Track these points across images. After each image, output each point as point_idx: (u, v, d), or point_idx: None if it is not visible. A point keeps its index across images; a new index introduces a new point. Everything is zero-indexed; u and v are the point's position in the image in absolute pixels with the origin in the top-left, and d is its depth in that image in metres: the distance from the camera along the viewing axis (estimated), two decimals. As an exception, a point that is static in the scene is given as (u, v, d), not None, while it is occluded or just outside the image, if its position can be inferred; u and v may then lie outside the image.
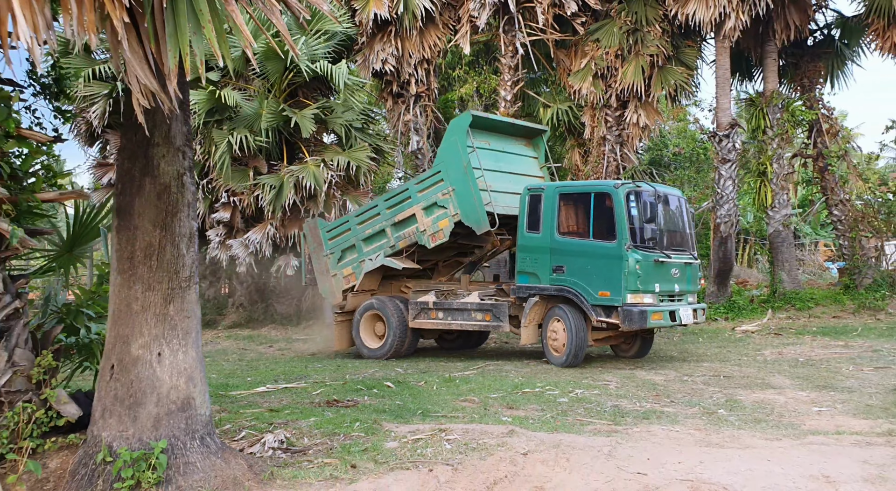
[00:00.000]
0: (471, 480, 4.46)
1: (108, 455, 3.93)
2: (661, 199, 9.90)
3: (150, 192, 4.20)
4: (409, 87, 17.19)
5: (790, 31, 15.56)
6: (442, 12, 16.47)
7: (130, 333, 4.12)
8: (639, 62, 15.71)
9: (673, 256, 9.77)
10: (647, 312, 9.22)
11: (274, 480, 4.37)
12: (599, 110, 16.37)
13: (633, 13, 15.78)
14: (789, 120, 15.24)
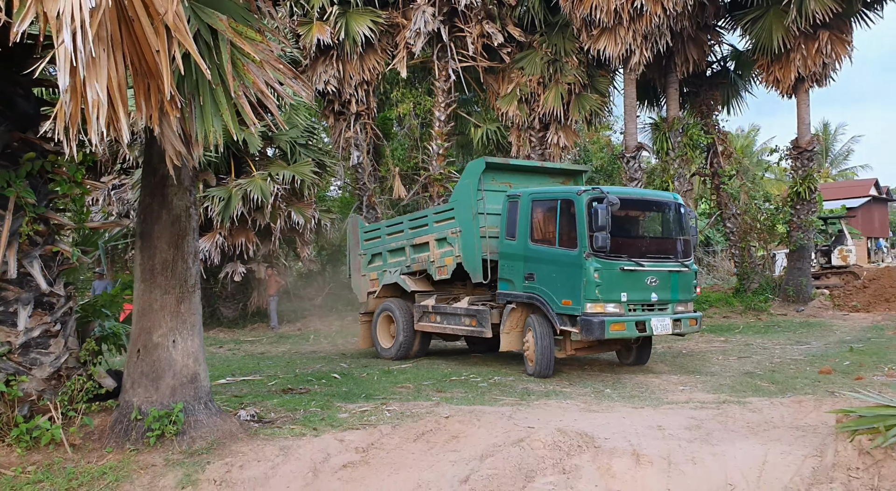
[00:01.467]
0: (405, 433, 6.11)
1: (138, 414, 5.43)
2: (635, 206, 9.91)
3: (165, 221, 5.72)
4: (350, 106, 18.75)
5: (689, 64, 17.88)
6: (380, 39, 18.10)
7: (152, 326, 5.63)
8: (558, 89, 17.72)
9: (647, 264, 9.37)
10: (605, 323, 8.96)
11: (258, 435, 5.94)
12: (524, 131, 18.31)
13: (553, 45, 17.81)
14: (688, 143, 17.50)
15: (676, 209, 10.07)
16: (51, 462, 5.12)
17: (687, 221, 10.07)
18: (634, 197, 10.36)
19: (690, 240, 10.05)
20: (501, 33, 17.62)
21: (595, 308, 9.10)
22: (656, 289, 9.39)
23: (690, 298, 9.92)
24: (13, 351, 5.20)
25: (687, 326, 9.71)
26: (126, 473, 5.05)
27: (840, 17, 16.27)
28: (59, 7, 3.64)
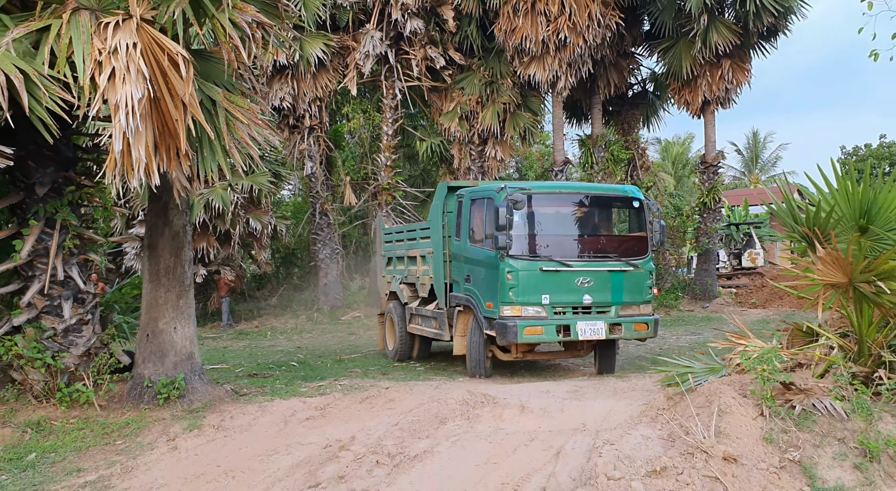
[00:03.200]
0: (353, 398, 8.07)
1: (149, 383, 7.29)
2: (570, 202, 9.54)
3: (167, 236, 7.58)
4: (304, 121, 20.56)
5: (611, 87, 20.25)
6: (332, 59, 19.96)
7: (158, 316, 7.49)
8: (495, 108, 19.88)
9: (577, 264, 9.02)
10: (517, 327, 8.71)
11: (240, 400, 7.84)
12: (465, 145, 20.41)
13: (490, 68, 19.96)
14: (610, 158, 19.85)
15: (627, 204, 9.58)
16: (86, 417, 6.96)
17: (642, 217, 9.46)
18: (568, 192, 9.93)
19: (646, 237, 9.38)
20: (443, 57, 19.67)
21: (511, 311, 8.82)
22: (590, 290, 8.98)
23: (642, 300, 9.27)
24: (57, 334, 7.03)
25: (630, 330, 9.13)
26: (144, 423, 6.92)
27: (740, 48, 18.80)
28: (117, 97, 5.51)
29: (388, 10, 19.35)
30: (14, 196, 7.05)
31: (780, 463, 5.09)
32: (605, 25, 17.85)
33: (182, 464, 6.15)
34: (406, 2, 18.96)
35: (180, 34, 6.06)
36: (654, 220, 9.52)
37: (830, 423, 5.30)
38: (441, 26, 19.75)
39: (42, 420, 6.80)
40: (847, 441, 5.16)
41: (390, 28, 19.54)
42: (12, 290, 7.13)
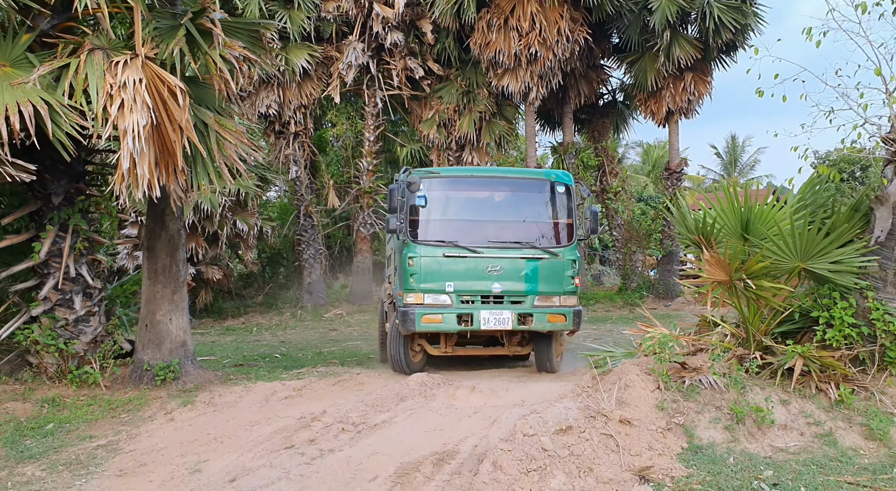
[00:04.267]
0: (327, 381, 9.24)
1: (147, 367, 8.45)
2: (478, 187, 9.33)
3: (164, 239, 8.74)
4: (289, 127, 21.70)
5: (581, 97, 21.51)
6: (316, 69, 21.11)
7: (155, 309, 8.65)
8: (471, 116, 21.09)
9: (486, 251, 8.72)
10: (415, 315, 8.56)
11: (227, 382, 9.00)
12: (443, 151, 21.61)
13: (467, 78, 21.17)
14: (580, 164, 21.11)
15: (549, 189, 9.16)
16: (94, 395, 8.12)
17: (567, 203, 9.14)
18: (482, 175, 9.75)
19: (571, 224, 9.07)
20: (422, 67, 20.87)
21: (413, 298, 8.63)
22: (500, 278, 8.70)
23: (562, 290, 8.90)
24: (69, 324, 8.18)
25: (543, 322, 8.76)
26: (144, 401, 8.08)
27: (701, 62, 20.09)
28: (125, 124, 6.67)
29: (370, 23, 20.53)
30: (32, 205, 8.23)
31: (667, 425, 6.31)
32: (573, 40, 19.07)
33: (178, 432, 7.32)
34: (386, 16, 20.14)
35: (178, 68, 7.23)
36: (586, 207, 9.17)
37: (711, 394, 6.52)
38: (420, 39, 20.93)
39: (56, 397, 7.95)
40: (722, 408, 6.39)
41: (372, 40, 20.72)
42: (30, 285, 8.29)
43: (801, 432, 6.20)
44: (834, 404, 6.35)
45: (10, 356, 8.43)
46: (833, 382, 6.42)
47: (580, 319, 9.33)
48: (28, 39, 7.16)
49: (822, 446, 6.03)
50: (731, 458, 5.91)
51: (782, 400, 6.46)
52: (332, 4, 20.61)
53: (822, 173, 6.97)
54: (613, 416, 6.25)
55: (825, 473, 5.54)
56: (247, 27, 8.42)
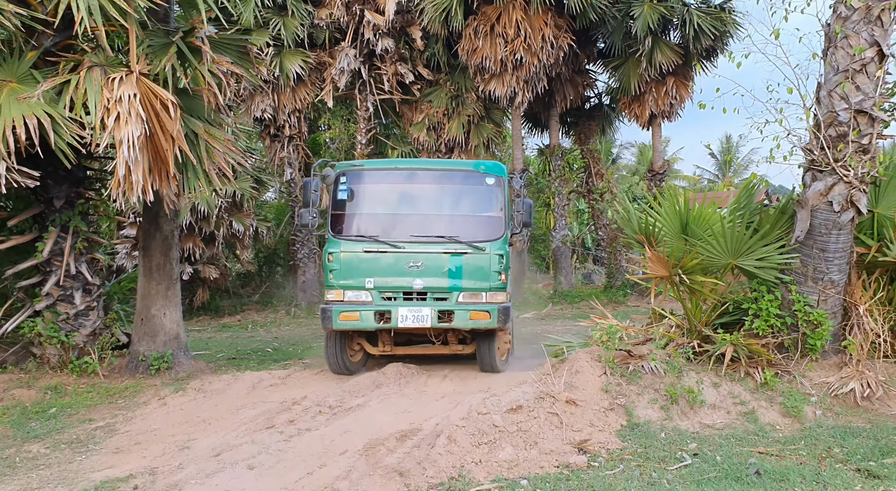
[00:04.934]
0: (310, 372, 9.94)
1: (143, 357, 9.17)
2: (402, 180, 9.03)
3: (158, 239, 9.45)
4: (284, 131, 22.42)
5: (568, 101, 22.20)
6: (310, 74, 21.81)
7: (151, 304, 9.37)
8: (460, 120, 21.79)
9: (408, 246, 8.48)
10: (332, 312, 8.40)
11: (217, 372, 9.72)
12: (433, 154, 22.29)
13: (456, 83, 21.88)
14: (566, 166, 21.81)
15: (477, 181, 8.85)
16: (93, 383, 8.84)
17: (496, 195, 8.76)
18: (406, 168, 9.43)
19: (501, 217, 8.70)
20: (412, 72, 21.58)
21: (334, 295, 8.53)
22: (422, 274, 8.44)
23: (488, 286, 8.52)
24: (70, 318, 8.91)
25: (465, 320, 8.43)
26: (139, 388, 8.80)
27: (683, 67, 20.77)
28: (122, 135, 7.39)
29: (362, 30, 21.24)
30: (36, 208, 8.97)
31: (609, 406, 7.02)
32: (557, 46, 19.76)
33: (170, 415, 8.04)
34: (377, 23, 20.85)
35: (170, 82, 7.95)
36: (518, 200, 8.80)
37: (652, 378, 7.24)
38: (410, 45, 21.64)
39: (58, 385, 8.68)
40: (660, 391, 7.10)
41: (363, 46, 21.43)
42: (34, 282, 9.03)
43: (727, 411, 6.92)
44: (759, 386, 7.06)
45: (15, 348, 9.17)
46: (759, 366, 7.13)
47: (507, 316, 8.72)
48: (33, 57, 7.88)
49: (744, 423, 6.74)
50: (663, 433, 6.62)
51: (714, 383, 7.17)
52: (325, 12, 21.31)
53: (753, 180, 7.68)
54: (560, 397, 6.96)
55: (741, 445, 6.24)
56: (235, 42, 9.13)
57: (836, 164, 6.68)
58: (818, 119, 6.76)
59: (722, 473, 5.60)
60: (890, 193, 7.17)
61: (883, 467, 5.59)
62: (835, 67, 6.65)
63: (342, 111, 24.46)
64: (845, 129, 6.63)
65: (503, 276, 8.70)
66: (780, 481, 5.36)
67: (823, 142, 6.72)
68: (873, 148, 6.63)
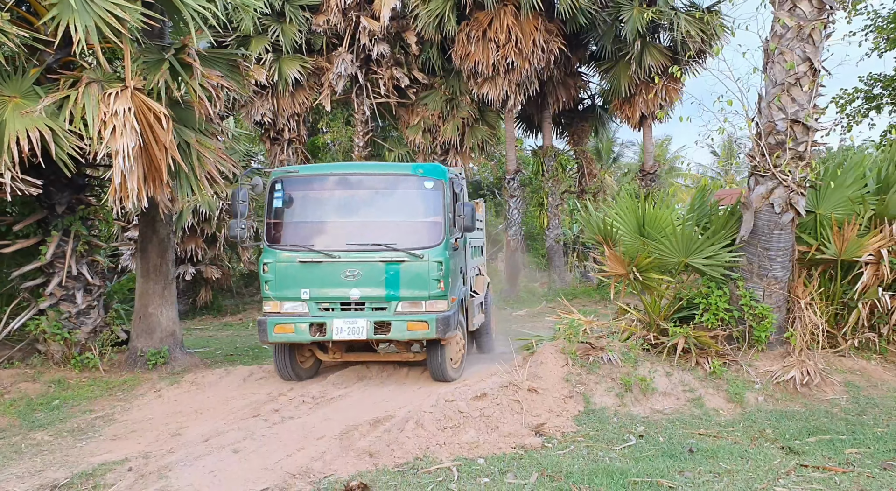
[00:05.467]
0: (300, 366, 10.57)
1: (141, 353, 9.82)
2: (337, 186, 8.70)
3: (155, 242, 10.09)
4: (283, 134, 23.08)
5: (560, 103, 22.75)
6: (308, 79, 22.45)
7: (148, 303, 10.01)
8: (455, 122, 22.37)
9: (343, 255, 8.22)
10: (267, 324, 8.27)
11: (211, 367, 10.35)
12: (429, 156, 22.89)
13: (451, 86, 22.47)
14: (559, 167, 22.37)
15: (414, 185, 8.56)
16: (94, 377, 9.49)
17: (435, 199, 8.42)
18: (341, 173, 8.96)
19: (440, 221, 8.33)
20: (408, 76, 22.18)
21: (270, 307, 8.43)
22: (359, 284, 8.20)
23: (426, 295, 8.22)
24: (72, 316, 9.57)
25: (402, 330, 8.13)
26: (137, 382, 9.45)
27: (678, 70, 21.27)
28: (118, 146, 8.01)
29: (358, 36, 21.85)
30: (39, 214, 9.63)
31: (569, 394, 7.60)
32: (548, 50, 20.31)
33: (165, 406, 8.68)
34: (373, 29, 21.47)
35: (163, 95, 8.58)
36: (460, 203, 8.50)
37: (609, 368, 7.81)
38: (405, 50, 22.24)
39: (61, 379, 9.34)
40: (616, 379, 7.68)
41: (360, 51, 22.06)
42: (39, 283, 9.69)
43: (677, 398, 7.49)
44: (708, 375, 7.63)
45: (21, 344, 9.83)
46: (709, 356, 7.69)
47: (448, 325, 8.30)
48: (35, 74, 8.53)
49: (691, 408, 7.31)
50: (616, 418, 7.20)
51: (666, 372, 7.74)
52: (322, 18, 21.94)
53: (705, 184, 8.25)
54: (523, 385, 7.55)
55: (685, 428, 6.82)
56: (225, 56, 9.76)
57: (775, 169, 7.23)
58: (759, 128, 7.32)
59: (660, 451, 6.18)
60: (830, 196, 7.71)
61: (805, 445, 6.16)
62: (773, 81, 7.21)
63: (341, 114, 25.11)
64: (783, 138, 7.19)
65: (442, 284, 8.34)
66: (710, 458, 5.93)
67: (764, 149, 7.28)
68: (808, 155, 7.18)
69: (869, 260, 7.59)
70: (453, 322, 8.43)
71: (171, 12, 8.93)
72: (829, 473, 5.41)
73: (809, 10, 6.98)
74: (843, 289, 8.00)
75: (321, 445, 6.91)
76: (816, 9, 6.98)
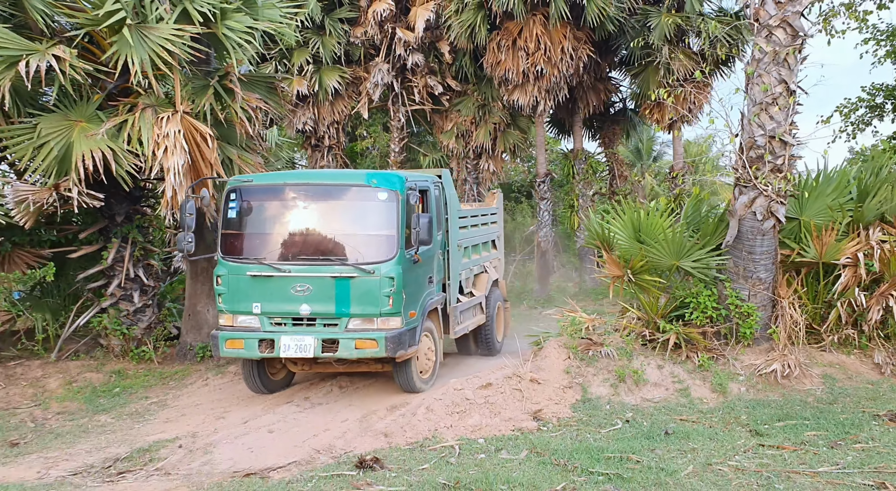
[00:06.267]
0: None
1: (190, 347, 10.98)
2: (290, 196, 8.46)
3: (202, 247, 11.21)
4: (324, 141, 24.30)
5: (591, 107, 23.43)
6: (347, 88, 23.60)
7: (196, 302, 11.18)
8: (487, 127, 23.27)
9: (294, 269, 8.03)
10: (218, 339, 8.18)
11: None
12: (462, 160, 23.86)
13: (483, 93, 23.38)
14: (589, 170, 23.09)
15: (367, 196, 8.25)
16: (149, 368, 10.71)
17: (390, 211, 8.06)
18: (293, 183, 8.66)
19: (394, 234, 8.01)
20: (441, 84, 23.17)
21: (224, 320, 8.32)
22: (309, 299, 7.97)
23: (377, 312, 7.95)
24: (129, 314, 10.81)
25: (351, 348, 7.90)
26: (187, 372, 10.62)
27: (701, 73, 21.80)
28: (169, 163, 9.15)
29: (394, 46, 22.91)
30: (101, 223, 10.91)
31: (568, 384, 8.46)
32: (577, 57, 21.05)
33: (211, 393, 9.81)
34: (408, 39, 22.51)
35: (208, 117, 9.71)
36: (416, 215, 8.11)
37: (607, 362, 8.64)
38: (439, 59, 23.23)
39: (121, 370, 10.56)
40: (612, 372, 8.50)
41: (396, 61, 23.12)
42: (100, 284, 10.95)
43: (666, 388, 8.29)
44: (696, 368, 8.41)
45: (86, 339, 11.11)
46: (698, 351, 8.46)
47: (399, 344, 8.02)
48: (98, 100, 9.75)
49: (678, 397, 8.10)
50: (608, 406, 8.04)
51: (658, 365, 8.54)
52: (360, 30, 23.06)
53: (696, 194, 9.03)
54: (526, 376, 8.44)
55: (669, 414, 7.63)
56: (264, 80, 10.87)
57: (755, 181, 7.96)
58: (741, 143, 8.06)
59: (640, 433, 7.01)
60: (812, 204, 8.41)
61: (771, 429, 6.92)
62: (753, 100, 7.95)
63: (379, 119, 26.24)
64: (762, 152, 7.91)
65: (392, 300, 8.01)
66: (682, 439, 6.74)
67: (745, 162, 8.02)
68: (786, 167, 7.90)
69: (847, 263, 8.26)
70: (407, 340, 8.14)
71: (216, 44, 10.04)
72: (781, 451, 6.18)
73: (784, 37, 7.72)
74: (826, 289, 8.66)
75: (343, 426, 7.91)
76: (791, 36, 7.71)
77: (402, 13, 22.58)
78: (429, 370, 9.20)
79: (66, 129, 9.29)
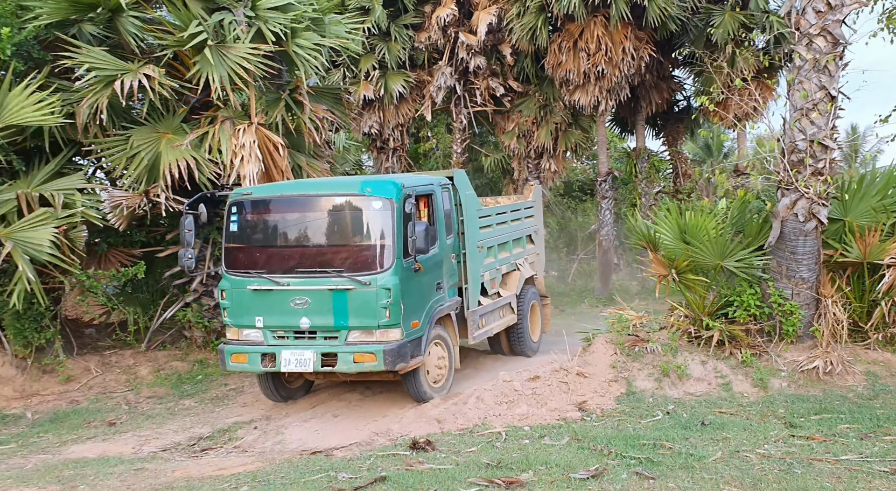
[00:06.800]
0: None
1: (265, 340, 11.90)
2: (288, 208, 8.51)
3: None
4: (389, 143, 25.18)
5: (653, 106, 23.57)
6: (411, 92, 24.41)
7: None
8: (548, 127, 23.69)
9: (293, 281, 8.06)
10: (225, 353, 8.31)
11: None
12: (523, 160, 24.35)
13: (544, 93, 23.82)
14: (651, 168, 23.25)
15: (364, 206, 8.17)
16: (228, 359, 11.65)
17: (385, 221, 8.01)
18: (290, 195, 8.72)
19: (390, 245, 7.95)
20: (503, 86, 23.72)
21: (231, 334, 8.40)
22: (309, 313, 7.97)
23: (375, 324, 7.90)
24: (211, 308, 11.82)
25: (349, 362, 7.84)
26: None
27: (766, 70, 21.71)
28: (245, 171, 10.04)
29: (456, 50, 23.59)
30: (185, 224, 11.90)
31: (614, 378, 8.93)
32: (638, 57, 21.28)
33: (283, 382, 10.67)
34: (470, 43, 23.15)
35: (279, 128, 10.57)
36: (412, 223, 7.92)
37: (652, 357, 9.07)
38: (501, 61, 23.78)
39: (203, 359, 11.56)
40: (656, 367, 8.93)
41: (458, 64, 23.79)
42: (184, 281, 11.96)
43: (709, 383, 8.67)
44: (739, 364, 8.76)
45: (171, 331, 12.16)
46: (742, 348, 8.80)
47: (399, 357, 7.96)
48: (182, 113, 10.75)
49: (720, 392, 8.48)
50: (651, 398, 8.49)
51: (702, 361, 8.93)
52: (424, 35, 23.84)
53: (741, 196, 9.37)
54: (572, 370, 8.97)
55: (709, 407, 8.04)
56: (331, 91, 11.69)
57: (797, 183, 8.26)
58: (783, 147, 8.36)
59: (678, 424, 7.45)
60: (856, 205, 8.63)
61: (807, 422, 7.26)
62: (794, 106, 8.23)
63: (443, 121, 26.98)
64: (803, 156, 8.20)
65: (389, 312, 7.94)
66: (718, 429, 7.15)
67: (787, 165, 8.31)
68: (827, 171, 8.16)
69: (891, 262, 8.45)
70: (409, 351, 8.07)
71: (286, 60, 10.90)
72: (811, 441, 6.53)
73: (825, 44, 7.98)
74: (872, 288, 8.86)
75: (400, 413, 8.61)
76: (831, 44, 7.97)
77: (464, 17, 23.24)
78: (442, 379, 9.09)
79: (154, 141, 10.32)
